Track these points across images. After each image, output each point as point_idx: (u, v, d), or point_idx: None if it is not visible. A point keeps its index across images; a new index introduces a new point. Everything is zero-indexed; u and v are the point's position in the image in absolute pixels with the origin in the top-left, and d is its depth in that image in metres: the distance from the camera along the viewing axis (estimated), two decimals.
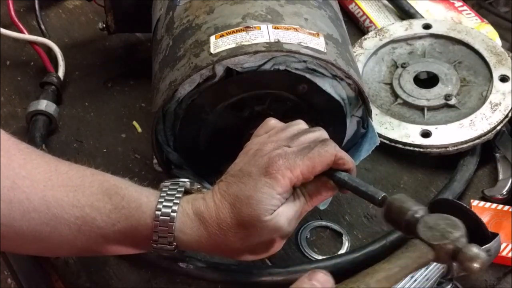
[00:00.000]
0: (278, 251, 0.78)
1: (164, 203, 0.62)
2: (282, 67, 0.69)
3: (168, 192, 0.64)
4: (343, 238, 0.80)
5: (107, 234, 0.63)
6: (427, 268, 0.68)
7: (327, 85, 0.71)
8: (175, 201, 0.63)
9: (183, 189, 0.64)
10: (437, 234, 0.57)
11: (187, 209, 0.63)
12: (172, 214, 0.62)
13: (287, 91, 0.72)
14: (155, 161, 0.78)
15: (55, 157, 0.66)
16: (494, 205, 0.80)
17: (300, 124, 0.68)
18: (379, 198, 0.62)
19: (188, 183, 0.66)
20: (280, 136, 0.65)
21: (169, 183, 0.65)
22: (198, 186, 0.67)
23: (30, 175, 0.62)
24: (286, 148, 0.63)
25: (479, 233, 0.71)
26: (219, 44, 0.69)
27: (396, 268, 0.56)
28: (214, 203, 0.62)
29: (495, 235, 0.70)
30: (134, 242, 0.64)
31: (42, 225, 0.61)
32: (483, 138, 0.84)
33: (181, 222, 0.62)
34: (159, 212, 0.62)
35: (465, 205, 0.72)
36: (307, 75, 0.70)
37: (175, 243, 0.62)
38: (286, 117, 0.72)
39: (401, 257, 0.57)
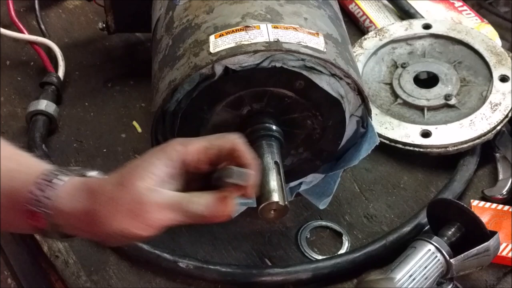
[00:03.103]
0: (278, 251, 0.78)
1: (55, 171, 0.61)
2: (278, 64, 0.69)
3: (69, 168, 0.63)
4: (343, 238, 0.80)
5: None
6: (426, 267, 0.68)
7: (324, 82, 0.71)
8: (67, 173, 0.62)
9: (85, 172, 0.64)
10: None
11: (76, 181, 0.61)
12: (55, 180, 0.60)
13: (285, 88, 0.72)
14: None
15: None
16: (494, 205, 0.80)
17: None
18: None
19: (97, 173, 0.65)
20: None
21: (79, 167, 0.65)
22: None
23: None
24: None
25: (478, 233, 0.71)
26: (218, 44, 0.69)
27: None
28: (106, 176, 0.62)
29: (493, 233, 0.70)
30: (14, 210, 0.61)
31: None
32: (483, 138, 0.84)
33: (63, 190, 0.60)
34: (44, 176, 0.60)
35: (464, 205, 0.72)
36: (303, 72, 0.69)
37: (49, 211, 0.59)
38: (284, 115, 0.72)
39: None
